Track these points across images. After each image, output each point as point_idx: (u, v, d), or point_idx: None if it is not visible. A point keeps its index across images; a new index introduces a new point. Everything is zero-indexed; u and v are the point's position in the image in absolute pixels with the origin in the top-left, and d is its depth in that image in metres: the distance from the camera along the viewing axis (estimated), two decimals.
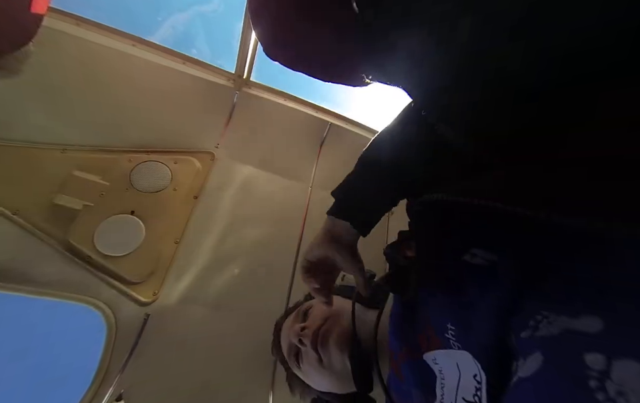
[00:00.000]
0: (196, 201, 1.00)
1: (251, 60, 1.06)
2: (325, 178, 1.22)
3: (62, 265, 0.79)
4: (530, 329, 0.18)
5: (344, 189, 0.43)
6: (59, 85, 0.90)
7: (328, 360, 0.44)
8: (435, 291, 0.31)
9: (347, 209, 0.42)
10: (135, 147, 0.99)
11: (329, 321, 0.46)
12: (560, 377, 0.15)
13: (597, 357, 0.14)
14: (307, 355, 0.47)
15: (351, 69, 0.33)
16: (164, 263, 0.89)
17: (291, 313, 0.57)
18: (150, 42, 1.03)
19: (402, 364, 0.34)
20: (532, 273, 0.22)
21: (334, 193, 0.44)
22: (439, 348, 0.27)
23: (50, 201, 0.83)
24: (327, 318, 0.47)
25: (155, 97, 1.02)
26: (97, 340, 0.78)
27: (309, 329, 0.46)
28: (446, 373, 0.25)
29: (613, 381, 0.13)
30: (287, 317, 0.57)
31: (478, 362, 0.22)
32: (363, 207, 0.42)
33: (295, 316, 0.53)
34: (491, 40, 0.21)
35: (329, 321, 0.46)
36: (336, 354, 0.43)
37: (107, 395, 0.72)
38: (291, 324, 0.52)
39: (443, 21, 0.23)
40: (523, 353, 0.18)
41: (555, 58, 0.19)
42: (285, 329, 0.55)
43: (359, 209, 0.42)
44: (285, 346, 0.53)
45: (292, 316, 0.54)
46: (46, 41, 0.88)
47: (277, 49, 0.35)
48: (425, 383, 0.29)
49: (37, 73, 0.87)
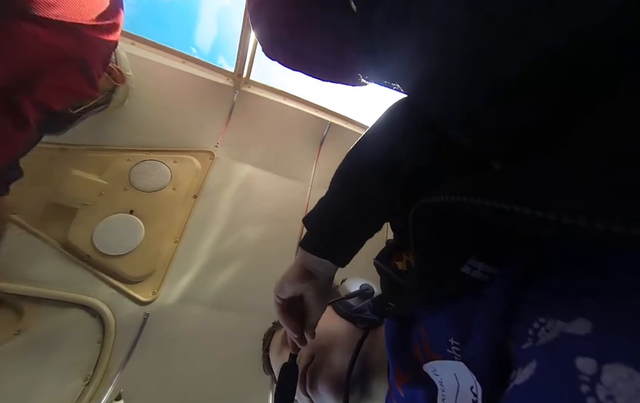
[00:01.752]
0: (195, 200, 1.00)
1: (251, 59, 1.06)
2: (324, 177, 1.22)
3: (61, 265, 0.79)
4: (530, 340, 0.18)
5: (317, 217, 0.37)
6: None
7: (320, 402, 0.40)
8: (434, 307, 0.30)
9: (322, 245, 0.36)
10: (133, 146, 0.98)
11: (317, 356, 0.41)
12: (551, 383, 0.15)
13: (588, 361, 0.14)
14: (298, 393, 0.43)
15: (349, 69, 0.33)
16: (163, 263, 0.89)
17: (279, 326, 0.52)
18: (149, 41, 1.03)
19: (403, 386, 0.32)
20: (529, 278, 0.22)
21: (305, 221, 0.38)
22: (439, 359, 0.27)
23: (49, 200, 0.83)
24: (314, 353, 0.42)
25: (154, 96, 1.02)
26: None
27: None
28: (446, 385, 0.25)
29: (603, 385, 0.13)
30: (273, 333, 0.53)
31: (473, 374, 0.22)
32: (342, 238, 0.36)
33: (282, 340, 0.48)
34: (490, 40, 0.21)
35: (317, 356, 0.41)
36: (328, 398, 0.39)
37: (106, 394, 0.72)
38: (280, 349, 0.48)
39: (442, 20, 0.23)
40: (522, 362, 0.18)
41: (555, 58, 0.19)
42: (273, 351, 0.50)
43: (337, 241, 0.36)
44: (275, 372, 0.48)
45: (280, 338, 0.49)
46: None
47: (276, 49, 0.35)
48: (429, 399, 0.28)
49: None
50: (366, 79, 0.33)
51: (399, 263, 0.36)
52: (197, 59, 1.09)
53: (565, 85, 0.20)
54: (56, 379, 0.72)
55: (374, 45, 0.28)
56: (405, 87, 0.30)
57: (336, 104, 1.26)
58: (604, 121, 0.17)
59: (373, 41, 0.28)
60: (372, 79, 0.33)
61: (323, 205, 0.38)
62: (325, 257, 0.36)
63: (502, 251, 0.25)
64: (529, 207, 0.16)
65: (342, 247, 0.36)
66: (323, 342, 0.41)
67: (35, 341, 0.72)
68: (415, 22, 0.25)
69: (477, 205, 0.19)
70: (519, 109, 0.22)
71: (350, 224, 0.36)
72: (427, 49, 0.25)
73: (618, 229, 0.12)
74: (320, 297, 0.37)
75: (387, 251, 0.39)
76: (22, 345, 0.71)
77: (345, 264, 0.37)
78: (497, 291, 0.23)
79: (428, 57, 0.25)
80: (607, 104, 0.17)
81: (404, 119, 0.37)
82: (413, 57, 0.26)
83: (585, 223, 0.13)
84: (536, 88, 0.21)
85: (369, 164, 0.36)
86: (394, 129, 0.37)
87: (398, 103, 0.38)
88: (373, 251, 0.48)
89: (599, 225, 0.13)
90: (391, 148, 0.36)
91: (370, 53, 0.29)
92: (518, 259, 0.23)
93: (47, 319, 0.74)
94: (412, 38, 0.25)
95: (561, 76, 0.19)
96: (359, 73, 0.33)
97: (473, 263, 0.25)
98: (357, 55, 0.30)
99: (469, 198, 0.20)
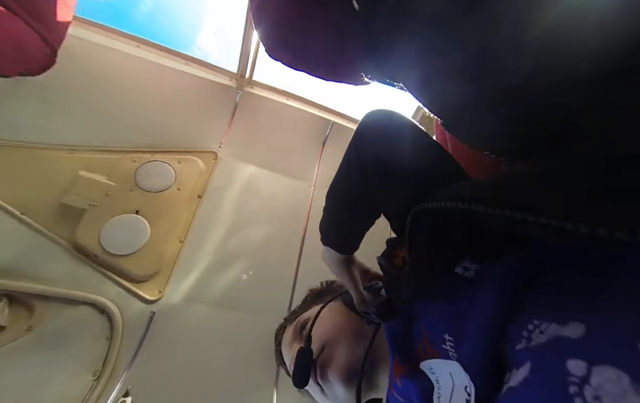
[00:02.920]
0: (200, 200, 1.01)
1: (253, 59, 1.06)
2: (327, 177, 1.22)
3: (69, 264, 0.81)
4: (524, 341, 0.18)
5: (323, 221, 0.47)
6: (66, 87, 0.92)
7: (331, 392, 0.42)
8: (429, 303, 0.31)
9: (327, 237, 0.46)
10: (139, 147, 1.00)
11: (327, 348, 0.43)
12: (543, 384, 0.15)
13: (578, 363, 0.14)
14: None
15: (351, 68, 0.33)
16: (169, 262, 0.91)
17: (290, 322, 0.54)
18: (153, 43, 1.04)
19: (401, 377, 0.33)
20: (523, 281, 0.22)
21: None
22: (437, 358, 0.27)
23: (57, 200, 0.84)
24: (324, 343, 0.43)
25: (158, 98, 1.03)
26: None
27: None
28: (442, 383, 0.25)
29: (591, 386, 0.13)
30: (285, 328, 0.55)
31: (467, 374, 0.22)
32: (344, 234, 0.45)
33: (293, 332, 0.50)
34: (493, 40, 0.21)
35: (327, 348, 0.43)
36: (338, 388, 0.41)
37: (114, 391, 0.73)
38: (291, 341, 0.50)
39: (445, 19, 0.23)
40: (516, 364, 0.18)
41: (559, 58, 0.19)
42: (285, 344, 0.52)
43: (340, 233, 0.45)
44: (287, 363, 0.51)
45: (290, 330, 0.52)
46: None
47: (279, 49, 0.35)
48: (424, 393, 0.28)
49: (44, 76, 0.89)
50: (368, 77, 0.33)
51: (396, 260, 0.37)
52: (200, 60, 1.10)
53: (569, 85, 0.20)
54: (66, 374, 0.73)
55: (376, 43, 0.28)
56: (407, 86, 0.31)
57: (338, 103, 1.26)
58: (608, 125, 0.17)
59: (374, 40, 0.28)
60: (374, 77, 0.33)
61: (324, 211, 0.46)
62: (328, 246, 0.46)
63: (496, 252, 0.25)
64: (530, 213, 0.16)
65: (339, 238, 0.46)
66: (333, 334, 0.44)
67: (45, 337, 0.74)
68: (417, 20, 0.25)
69: (468, 210, 0.20)
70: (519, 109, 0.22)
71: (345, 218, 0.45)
72: (428, 48, 0.25)
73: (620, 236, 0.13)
74: (341, 277, 0.46)
75: (387, 250, 0.40)
76: (33, 341, 0.72)
77: (348, 251, 0.46)
78: (490, 291, 0.23)
79: (429, 55, 0.25)
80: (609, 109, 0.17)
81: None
82: (414, 56, 0.27)
83: (588, 231, 0.14)
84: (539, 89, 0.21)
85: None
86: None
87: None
88: (378, 251, 0.51)
89: (603, 232, 0.13)
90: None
91: (372, 51, 0.29)
92: (512, 260, 0.23)
93: (57, 317, 0.76)
94: (414, 36, 0.26)
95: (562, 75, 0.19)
96: (361, 72, 0.33)
97: (467, 264, 0.26)
98: (358, 54, 0.31)
99: (460, 204, 0.20)
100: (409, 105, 1.24)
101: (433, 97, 0.29)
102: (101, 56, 0.95)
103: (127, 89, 0.99)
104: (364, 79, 0.33)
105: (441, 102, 0.29)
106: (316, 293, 0.58)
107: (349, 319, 0.46)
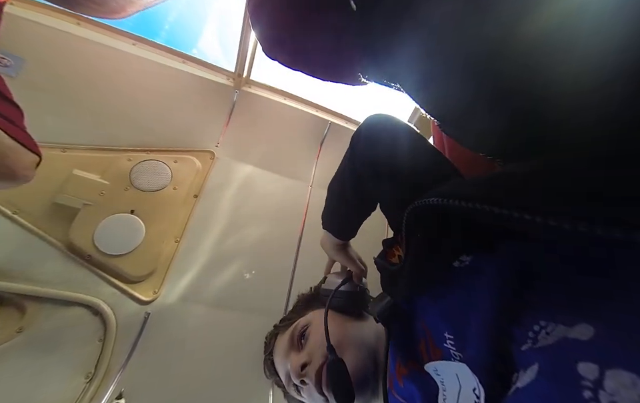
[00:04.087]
0: (196, 200, 1.00)
1: (251, 58, 1.06)
2: (325, 177, 1.22)
3: (62, 264, 0.79)
4: (530, 341, 0.18)
5: (324, 209, 0.52)
6: (59, 84, 0.90)
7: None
8: (428, 300, 0.31)
9: (326, 223, 0.52)
10: (134, 146, 0.99)
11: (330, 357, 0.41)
12: (553, 387, 0.15)
13: (590, 366, 0.14)
14: (309, 393, 0.43)
15: (349, 68, 0.33)
16: (164, 262, 0.90)
17: (283, 329, 0.52)
18: (150, 41, 1.03)
19: (403, 377, 0.33)
20: (527, 282, 0.21)
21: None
22: (440, 359, 0.27)
23: (50, 200, 0.83)
24: (327, 353, 0.42)
25: (154, 96, 1.02)
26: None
27: (310, 367, 0.42)
28: (447, 385, 0.25)
29: (606, 392, 0.13)
30: (276, 336, 0.53)
31: (476, 376, 0.22)
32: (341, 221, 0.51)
33: (289, 341, 0.48)
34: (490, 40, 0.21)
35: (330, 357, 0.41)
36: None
37: (107, 392, 0.72)
38: (287, 351, 0.48)
39: (442, 20, 0.23)
40: (523, 364, 0.18)
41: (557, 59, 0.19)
42: (279, 354, 0.50)
43: (338, 223, 0.51)
44: (282, 375, 0.49)
45: (286, 338, 0.49)
46: (46, 40, 0.88)
47: (276, 49, 0.35)
48: (427, 395, 0.28)
49: (37, 73, 0.87)
50: (366, 78, 0.33)
51: (392, 259, 0.38)
52: (197, 58, 1.09)
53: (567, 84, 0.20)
54: (58, 377, 0.72)
55: (373, 44, 0.28)
56: (404, 87, 0.30)
57: (336, 103, 1.26)
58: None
59: (372, 40, 0.28)
60: (372, 78, 0.33)
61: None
62: (327, 230, 0.52)
63: (493, 249, 0.25)
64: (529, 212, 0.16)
65: (335, 224, 0.51)
66: (334, 343, 0.42)
67: (37, 339, 0.72)
68: (415, 21, 0.25)
69: (465, 207, 0.20)
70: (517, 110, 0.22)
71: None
72: (426, 49, 0.25)
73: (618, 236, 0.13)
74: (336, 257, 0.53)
75: (383, 250, 0.40)
76: (24, 343, 0.71)
77: (345, 237, 0.52)
78: (490, 291, 0.23)
79: (427, 56, 0.25)
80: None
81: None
82: (412, 57, 0.26)
83: (586, 230, 0.14)
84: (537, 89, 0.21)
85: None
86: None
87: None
88: (375, 252, 0.51)
89: (600, 231, 0.13)
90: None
91: (370, 52, 0.29)
92: (512, 257, 0.23)
93: (49, 318, 0.75)
94: (412, 37, 0.25)
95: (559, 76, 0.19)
96: (359, 73, 0.33)
97: (464, 258, 0.26)
98: (356, 54, 0.30)
99: (455, 201, 0.21)
100: (406, 107, 1.24)
101: (429, 97, 0.29)
102: (95, 53, 0.93)
103: (122, 86, 0.98)
104: (362, 79, 0.33)
105: (438, 103, 0.29)
106: (307, 299, 0.57)
107: (347, 325, 0.46)
